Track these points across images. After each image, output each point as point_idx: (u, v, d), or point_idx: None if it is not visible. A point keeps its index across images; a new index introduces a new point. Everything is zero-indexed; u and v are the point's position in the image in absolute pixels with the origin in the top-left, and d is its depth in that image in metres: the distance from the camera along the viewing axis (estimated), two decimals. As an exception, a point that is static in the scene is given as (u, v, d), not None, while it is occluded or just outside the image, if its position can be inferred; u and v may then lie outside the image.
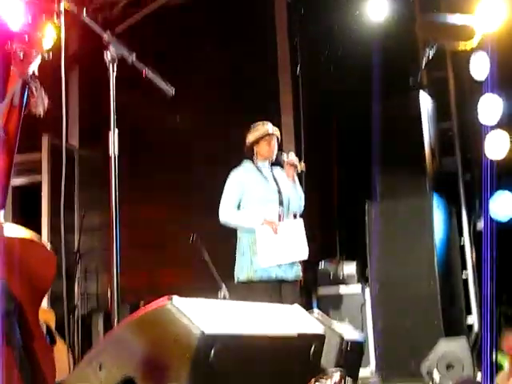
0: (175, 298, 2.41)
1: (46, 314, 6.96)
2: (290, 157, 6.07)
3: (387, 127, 7.25)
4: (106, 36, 3.35)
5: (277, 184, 6.08)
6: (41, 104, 2.99)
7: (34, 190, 9.15)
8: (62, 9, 2.99)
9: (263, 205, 5.94)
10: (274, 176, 6.14)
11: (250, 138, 6.13)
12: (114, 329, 2.59)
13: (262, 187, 6.01)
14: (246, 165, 6.16)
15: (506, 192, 7.09)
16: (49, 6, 2.99)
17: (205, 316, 2.45)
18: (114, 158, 3.38)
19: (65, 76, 3.43)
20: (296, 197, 6.12)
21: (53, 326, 7.05)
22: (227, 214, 5.98)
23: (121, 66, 3.41)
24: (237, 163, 6.30)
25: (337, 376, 2.57)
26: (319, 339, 2.97)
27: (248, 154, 6.17)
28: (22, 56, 2.92)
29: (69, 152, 9.28)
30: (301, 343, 2.88)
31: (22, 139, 3.10)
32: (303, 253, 5.92)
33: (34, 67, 2.99)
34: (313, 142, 6.54)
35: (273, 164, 6.19)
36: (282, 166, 6.17)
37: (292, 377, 2.78)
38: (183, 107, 9.09)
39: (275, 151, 6.10)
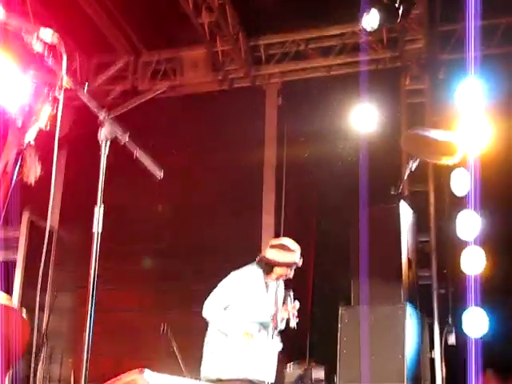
0: (146, 371, 2.40)
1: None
2: (295, 306, 5.86)
3: (366, 234, 7.33)
4: (102, 114, 3.41)
5: (276, 305, 5.88)
6: (33, 173, 3.04)
7: (7, 266, 9.06)
8: (64, 83, 3.07)
9: (252, 319, 5.80)
10: (276, 295, 5.94)
11: (279, 258, 5.92)
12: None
13: (260, 305, 5.86)
14: (255, 271, 5.96)
15: (479, 309, 7.14)
16: (51, 79, 3.07)
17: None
18: (97, 234, 3.39)
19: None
20: (282, 322, 5.98)
21: (12, 406, 6.87)
22: (212, 311, 5.78)
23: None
24: (219, 258, 6.24)
25: None
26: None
27: (263, 267, 5.96)
28: (19, 125, 2.98)
29: (50, 232, 9.26)
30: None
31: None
32: (270, 376, 5.83)
33: (30, 137, 3.05)
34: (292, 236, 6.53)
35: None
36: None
37: None
38: (167, 196, 9.20)
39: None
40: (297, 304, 5.87)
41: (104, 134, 3.41)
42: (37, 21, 9.03)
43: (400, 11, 7.96)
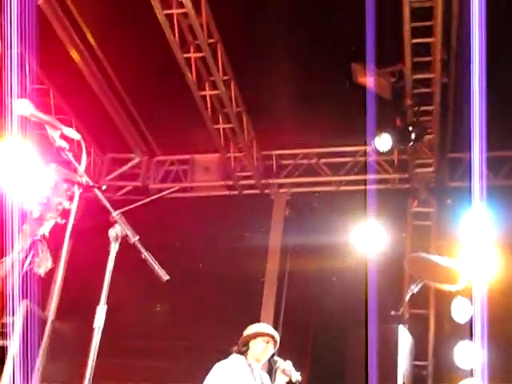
0: None
1: None
2: (287, 365, 5.88)
3: (363, 354, 7.23)
4: (115, 214, 3.43)
5: None
6: (44, 265, 3.05)
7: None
8: (83, 181, 3.14)
9: None
10: (262, 381, 5.88)
11: (249, 331, 5.97)
12: None
13: None
14: (237, 359, 5.89)
15: None
16: (71, 175, 3.13)
17: None
18: (98, 330, 3.36)
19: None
20: None
21: None
22: None
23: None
24: (207, 358, 6.15)
25: None
26: None
27: (240, 349, 5.93)
28: (36, 216, 3.01)
29: (44, 322, 9.17)
30: None
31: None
32: None
33: (45, 229, 3.08)
34: (288, 348, 6.44)
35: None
36: (271, 373, 6.01)
37: None
38: (165, 295, 9.14)
39: (268, 355, 5.92)
40: (289, 362, 5.88)
41: (115, 232, 3.42)
42: (58, 114, 9.26)
43: (413, 135, 8.12)
